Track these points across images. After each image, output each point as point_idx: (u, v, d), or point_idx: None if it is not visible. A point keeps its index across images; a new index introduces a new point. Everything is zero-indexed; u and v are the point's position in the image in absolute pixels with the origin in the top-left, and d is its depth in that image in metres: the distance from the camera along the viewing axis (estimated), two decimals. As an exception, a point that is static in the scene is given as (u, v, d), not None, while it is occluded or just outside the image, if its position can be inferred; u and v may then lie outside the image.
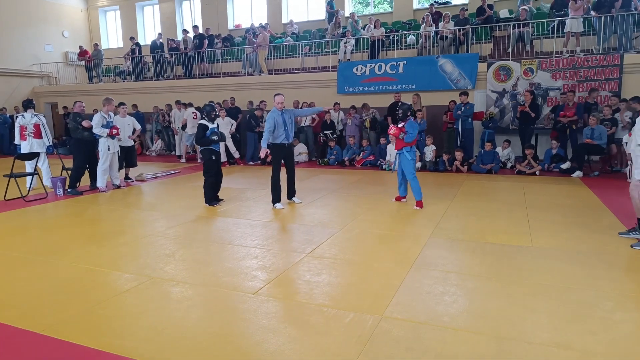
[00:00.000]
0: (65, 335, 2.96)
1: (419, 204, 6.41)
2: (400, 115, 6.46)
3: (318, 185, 8.39)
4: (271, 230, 5.52)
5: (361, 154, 11.09)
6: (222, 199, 7.08)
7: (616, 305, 3.27)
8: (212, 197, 6.85)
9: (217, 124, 7.03)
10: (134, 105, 14.14)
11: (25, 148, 8.32)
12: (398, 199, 6.85)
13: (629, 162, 8.00)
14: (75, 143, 8.24)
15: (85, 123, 8.04)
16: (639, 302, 3.35)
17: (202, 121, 6.77)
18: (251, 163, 11.96)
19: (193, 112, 12.30)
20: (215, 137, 6.63)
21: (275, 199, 6.63)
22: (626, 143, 5.64)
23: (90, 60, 17.40)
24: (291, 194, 6.95)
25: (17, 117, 8.70)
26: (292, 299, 3.46)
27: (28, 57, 17.70)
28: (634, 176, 4.70)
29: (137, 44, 16.73)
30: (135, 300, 3.51)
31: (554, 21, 11.45)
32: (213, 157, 6.76)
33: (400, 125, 6.44)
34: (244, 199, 7.36)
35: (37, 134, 8.39)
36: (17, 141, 8.52)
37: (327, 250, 4.66)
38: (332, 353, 2.70)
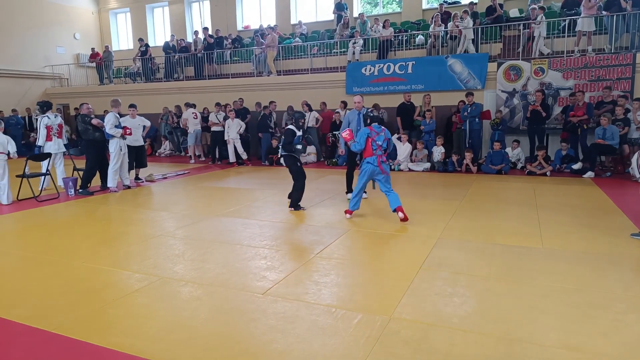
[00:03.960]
0: (76, 333, 3.00)
1: (348, 212, 6.00)
2: (369, 122, 5.93)
3: (326, 186, 8.39)
4: (280, 230, 5.53)
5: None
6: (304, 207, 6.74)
7: (628, 307, 3.23)
8: (298, 201, 6.66)
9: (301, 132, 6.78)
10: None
11: (51, 148, 8.35)
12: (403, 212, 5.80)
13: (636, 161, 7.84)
14: (87, 144, 8.33)
15: (94, 121, 8.10)
16: (651, 304, 3.31)
17: (291, 127, 6.63)
18: (266, 163, 12.00)
19: (193, 113, 12.92)
20: (299, 147, 6.50)
21: (348, 189, 7.26)
22: None
23: (101, 61, 17.59)
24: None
25: (39, 117, 8.50)
26: (301, 300, 3.46)
27: (40, 59, 17.93)
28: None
29: (147, 45, 16.87)
30: (145, 299, 3.54)
31: (564, 20, 11.34)
32: (298, 164, 6.60)
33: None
34: (253, 199, 7.38)
35: (60, 134, 8.53)
36: (40, 142, 8.32)
37: (336, 250, 4.66)
38: (341, 353, 2.70)
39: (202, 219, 6.16)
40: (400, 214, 5.66)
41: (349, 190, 7.19)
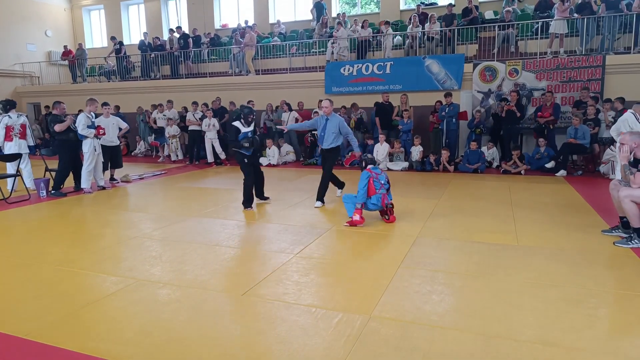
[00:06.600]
0: (50, 339, 2.91)
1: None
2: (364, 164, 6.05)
3: (305, 186, 8.37)
4: (259, 231, 5.50)
5: (349, 154, 11.10)
6: (269, 197, 7.06)
7: (599, 302, 3.33)
8: (248, 200, 6.56)
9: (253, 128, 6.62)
10: (116, 107, 13.86)
11: (11, 149, 8.07)
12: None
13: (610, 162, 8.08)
14: (59, 144, 8.08)
15: (57, 127, 7.82)
16: (621, 298, 3.41)
17: (236, 123, 6.46)
18: None
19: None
20: (246, 144, 6.35)
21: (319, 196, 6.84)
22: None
23: (74, 59, 17.15)
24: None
25: (0, 117, 8.18)
26: (281, 300, 3.45)
27: (10, 56, 17.36)
28: (615, 176, 4.80)
29: (120, 43, 16.52)
30: (121, 303, 3.46)
31: (538, 22, 11.61)
32: (245, 160, 6.49)
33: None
34: (232, 199, 7.31)
35: (23, 135, 8.23)
36: None
37: (315, 250, 4.65)
38: (321, 353, 2.69)
39: (180, 219, 6.07)
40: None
41: (320, 198, 6.71)
